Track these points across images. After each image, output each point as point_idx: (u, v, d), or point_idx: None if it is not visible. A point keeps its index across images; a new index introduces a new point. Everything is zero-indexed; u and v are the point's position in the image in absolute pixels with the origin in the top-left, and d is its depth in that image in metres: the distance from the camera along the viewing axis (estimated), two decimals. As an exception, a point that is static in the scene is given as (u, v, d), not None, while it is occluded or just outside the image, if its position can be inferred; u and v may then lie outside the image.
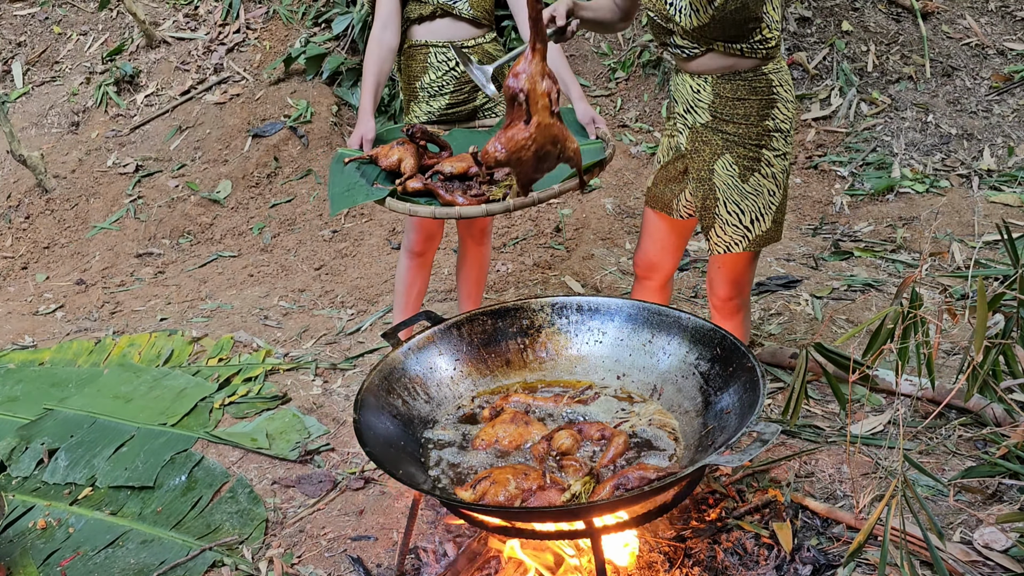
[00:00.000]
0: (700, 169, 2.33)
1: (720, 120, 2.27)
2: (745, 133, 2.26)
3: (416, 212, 2.39)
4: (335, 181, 2.52)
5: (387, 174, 2.53)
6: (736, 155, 2.27)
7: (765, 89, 2.24)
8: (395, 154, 2.52)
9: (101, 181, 5.11)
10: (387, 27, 2.69)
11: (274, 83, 5.46)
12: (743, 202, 2.29)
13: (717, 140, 2.29)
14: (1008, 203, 4.16)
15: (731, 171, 2.29)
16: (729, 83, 2.24)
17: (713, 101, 2.26)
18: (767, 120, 2.27)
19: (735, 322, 2.48)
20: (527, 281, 3.86)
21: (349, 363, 3.31)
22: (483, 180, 2.45)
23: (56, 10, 6.29)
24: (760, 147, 2.27)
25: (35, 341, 3.82)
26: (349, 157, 2.57)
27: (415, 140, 2.56)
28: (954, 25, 5.29)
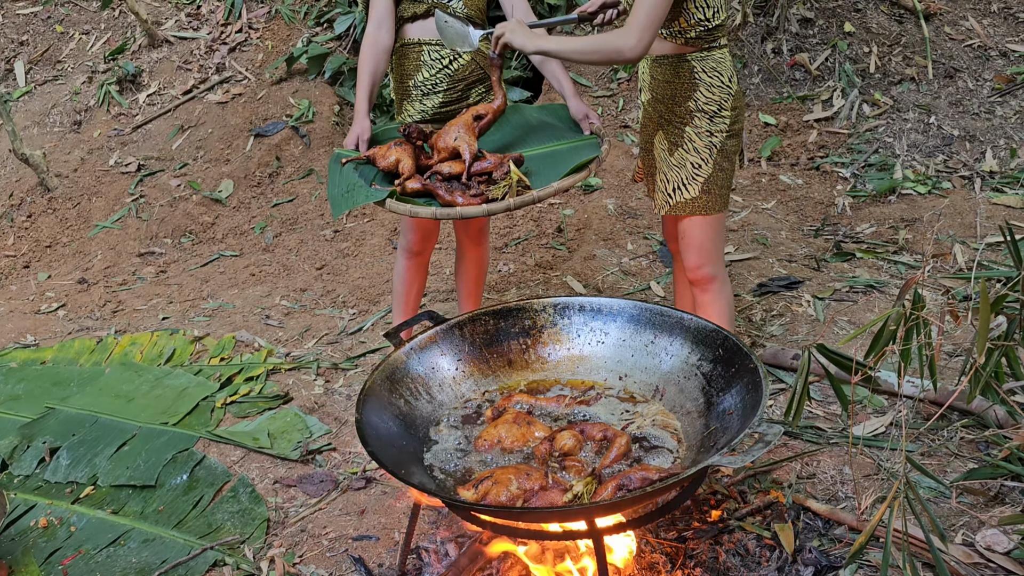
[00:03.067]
0: (647, 142, 2.63)
1: (655, 99, 2.53)
2: (671, 112, 2.49)
3: (417, 213, 2.39)
4: (334, 183, 2.52)
5: (385, 174, 2.53)
6: (666, 131, 2.52)
7: (687, 75, 2.45)
8: (393, 155, 2.52)
9: (103, 180, 5.12)
10: (382, 26, 2.69)
11: (276, 83, 5.46)
12: (669, 172, 2.53)
13: (656, 116, 2.55)
14: (1011, 205, 4.15)
15: (663, 145, 2.54)
16: (659, 67, 2.49)
17: (650, 82, 2.55)
18: (689, 102, 2.47)
19: (711, 293, 2.53)
20: (529, 281, 3.86)
21: (351, 363, 3.31)
22: (482, 180, 2.45)
23: (59, 9, 6.30)
24: (683, 125, 2.49)
25: (37, 340, 3.82)
26: (346, 158, 2.57)
27: (412, 140, 2.56)
28: (956, 27, 5.29)
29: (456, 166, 2.48)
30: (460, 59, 2.74)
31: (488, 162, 2.48)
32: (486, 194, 2.39)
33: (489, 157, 2.50)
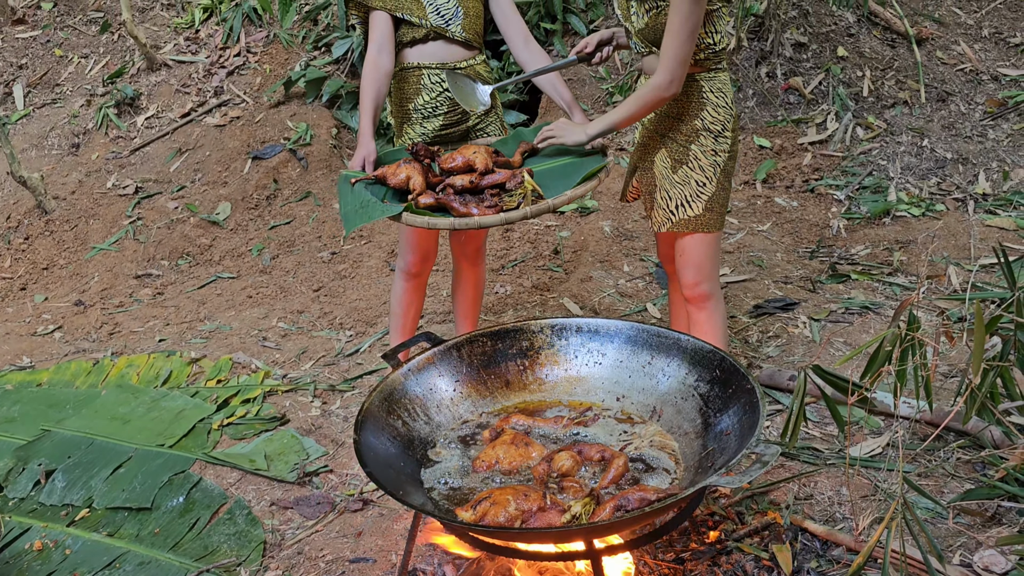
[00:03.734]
0: (645, 159, 2.63)
1: (659, 117, 2.54)
2: (676, 130, 2.51)
3: (436, 225, 2.40)
4: (346, 201, 2.52)
5: (395, 192, 2.54)
6: (669, 149, 2.54)
7: (696, 94, 2.48)
8: (403, 172, 2.53)
9: (101, 203, 5.13)
10: (382, 50, 2.72)
11: (274, 106, 5.50)
12: (672, 190, 2.54)
13: (657, 135, 2.56)
14: (1004, 227, 4.18)
15: (665, 163, 2.55)
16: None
17: None
18: (696, 120, 2.50)
19: (707, 311, 2.54)
20: (526, 303, 3.87)
21: (348, 385, 3.31)
22: (495, 192, 2.47)
23: (58, 33, 6.34)
24: (689, 143, 2.52)
25: (33, 362, 3.81)
26: (355, 178, 2.58)
27: (419, 158, 2.58)
28: (948, 51, 5.35)
29: (468, 178, 2.49)
30: (460, 82, 2.77)
31: (499, 175, 2.51)
32: (500, 205, 2.41)
33: (499, 171, 2.53)
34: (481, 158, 2.54)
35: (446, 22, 2.72)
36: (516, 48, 2.82)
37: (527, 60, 2.81)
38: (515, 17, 2.80)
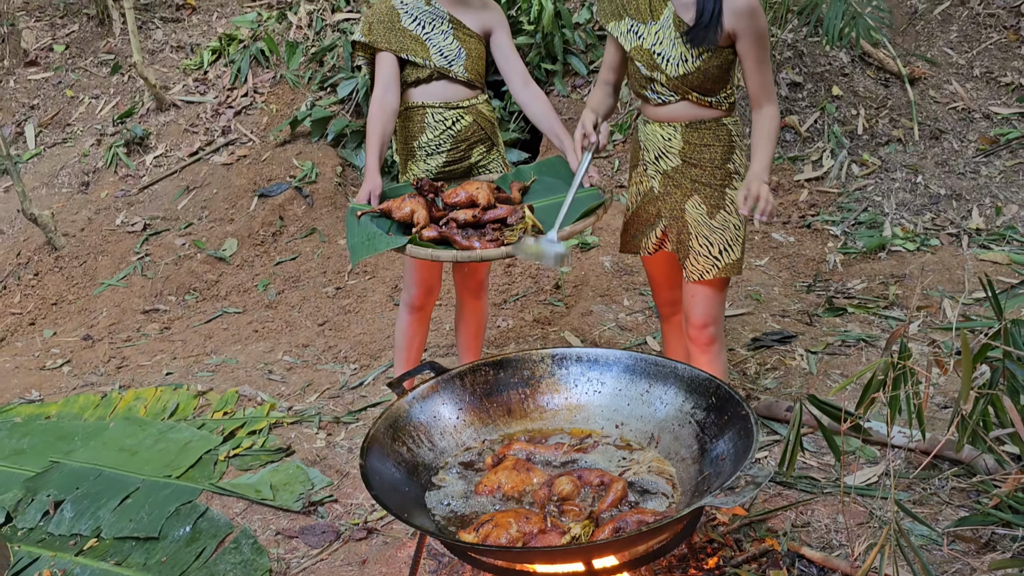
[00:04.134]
0: (673, 208, 2.59)
1: (689, 164, 2.54)
2: (711, 175, 2.53)
3: (439, 257, 2.48)
4: (352, 233, 2.61)
5: (400, 226, 2.62)
6: (704, 195, 2.54)
7: (726, 137, 2.53)
8: (407, 206, 2.61)
9: (109, 239, 5.22)
10: (388, 89, 2.81)
11: (280, 145, 5.61)
12: (712, 236, 2.55)
13: (686, 182, 2.55)
14: (997, 261, 4.25)
15: (700, 209, 2.55)
16: (696, 131, 2.52)
17: (683, 147, 2.54)
18: (728, 164, 2.55)
19: (711, 354, 2.58)
20: (527, 336, 3.93)
21: (352, 416, 3.36)
22: (496, 227, 2.55)
23: (69, 75, 6.49)
24: (724, 187, 2.55)
25: (42, 395, 3.87)
26: (361, 211, 2.66)
27: (424, 193, 2.67)
28: (940, 90, 5.47)
29: (471, 213, 2.57)
30: (462, 120, 2.86)
31: (501, 210, 2.59)
32: (501, 239, 2.48)
33: (501, 206, 2.60)
34: (483, 194, 2.62)
35: (449, 63, 2.82)
36: (515, 89, 2.92)
37: (526, 101, 2.90)
38: (515, 59, 2.90)
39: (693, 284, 2.58)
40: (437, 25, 2.80)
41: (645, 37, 2.49)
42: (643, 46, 2.49)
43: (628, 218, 2.74)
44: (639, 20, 2.50)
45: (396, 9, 2.81)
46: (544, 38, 5.49)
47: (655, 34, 2.47)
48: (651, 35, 2.48)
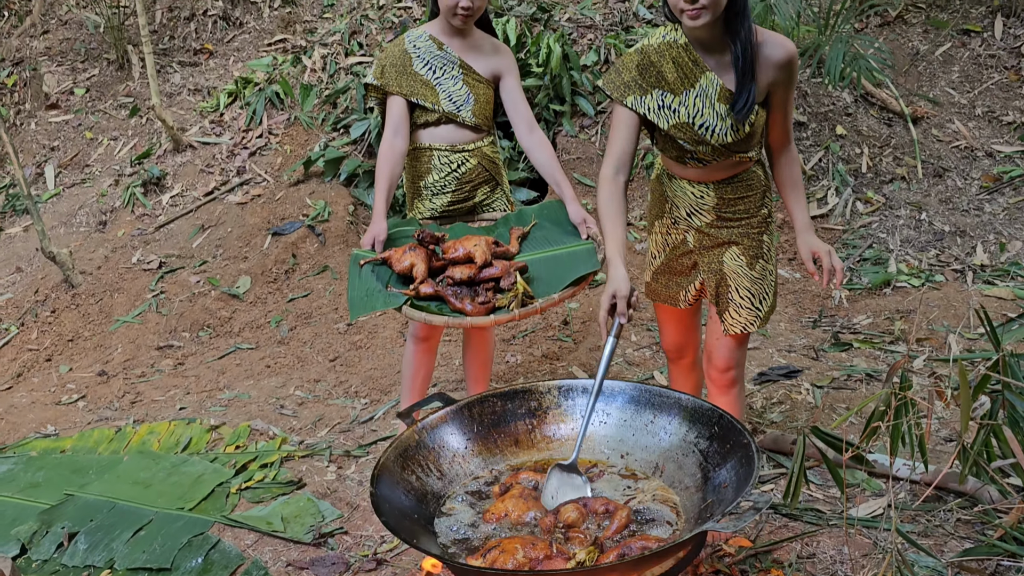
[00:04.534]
0: (711, 262, 2.53)
1: (722, 219, 2.48)
2: (748, 224, 2.49)
3: (431, 321, 2.56)
4: (353, 285, 2.69)
5: (400, 276, 2.70)
6: (743, 247, 2.49)
7: (758, 184, 2.48)
8: (407, 259, 2.69)
9: (125, 277, 5.31)
10: (398, 133, 2.90)
11: (293, 184, 5.72)
12: (753, 287, 2.50)
13: (723, 235, 2.49)
14: (1002, 296, 4.28)
15: (739, 260, 2.49)
16: (730, 186, 2.46)
17: (717, 203, 2.47)
18: (763, 208, 2.50)
19: (731, 396, 2.60)
20: (536, 371, 3.97)
21: (362, 450, 3.40)
22: (489, 287, 2.62)
23: (89, 117, 6.65)
24: (762, 234, 2.50)
25: (57, 430, 3.92)
26: (364, 259, 2.74)
27: (425, 244, 2.74)
28: (943, 129, 5.55)
29: (467, 270, 2.64)
30: (468, 163, 2.95)
31: (496, 268, 2.65)
32: (492, 302, 2.56)
33: (497, 264, 2.67)
34: (480, 251, 2.67)
35: (457, 108, 2.91)
36: (520, 134, 3.00)
37: (530, 146, 2.97)
38: (522, 105, 2.99)
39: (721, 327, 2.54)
40: (448, 70, 2.90)
41: (679, 110, 2.32)
42: (682, 120, 2.32)
43: (657, 268, 2.65)
44: (669, 91, 2.32)
45: (408, 53, 2.91)
46: (552, 80, 5.61)
47: (693, 104, 2.31)
48: (688, 106, 2.32)
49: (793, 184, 2.47)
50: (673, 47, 2.32)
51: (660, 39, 2.35)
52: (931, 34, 6.04)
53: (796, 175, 2.48)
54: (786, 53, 2.29)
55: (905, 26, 6.12)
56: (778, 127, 2.43)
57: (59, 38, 7.23)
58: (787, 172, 2.47)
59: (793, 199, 2.48)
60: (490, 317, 2.50)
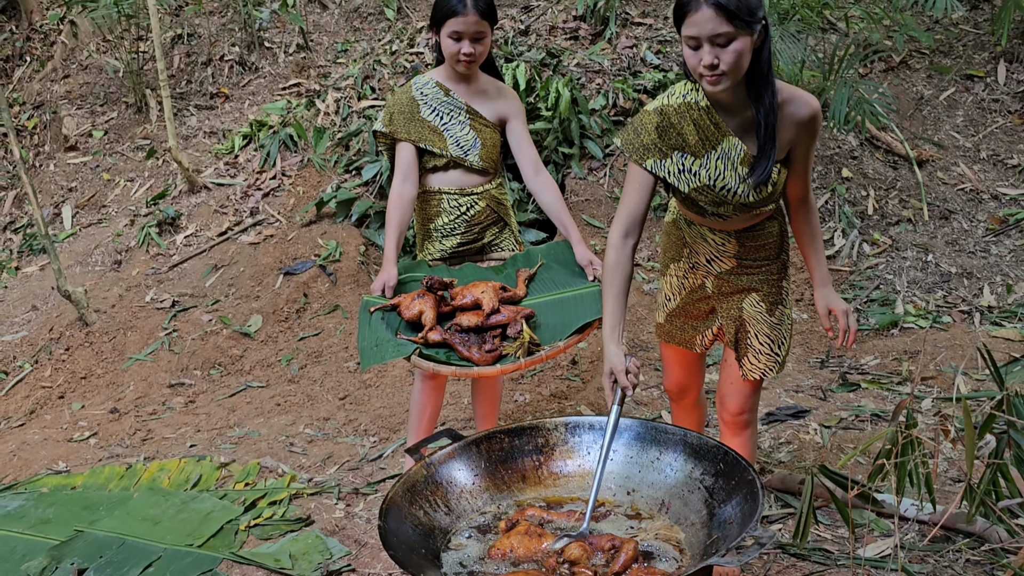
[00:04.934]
0: (730, 308, 2.53)
1: (745, 265, 2.47)
2: (768, 271, 2.49)
3: (439, 371, 2.61)
4: (364, 334, 2.73)
5: (409, 323, 2.75)
6: (763, 293, 2.49)
7: (777, 230, 2.48)
8: (416, 306, 2.75)
9: (139, 315, 5.38)
10: (407, 179, 2.96)
11: (306, 225, 5.80)
12: (772, 332, 2.50)
13: (743, 282, 2.49)
14: (1010, 338, 4.29)
15: (759, 307, 2.49)
16: (750, 235, 2.45)
17: (738, 251, 2.46)
18: (783, 255, 2.50)
19: (744, 437, 2.61)
20: (544, 411, 3.99)
21: (371, 488, 3.42)
22: (496, 334, 2.67)
23: (107, 159, 6.78)
24: (780, 281, 2.50)
25: (68, 467, 3.95)
26: (374, 306, 2.79)
27: (434, 291, 2.79)
28: (948, 172, 5.60)
29: (474, 317, 2.69)
30: (476, 206, 3.01)
31: (503, 315, 2.70)
32: (499, 350, 2.60)
33: (504, 311, 2.71)
34: (488, 298, 2.71)
35: (464, 152, 2.98)
36: (527, 176, 3.06)
37: (537, 189, 3.03)
38: (528, 147, 3.05)
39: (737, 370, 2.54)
40: (455, 116, 2.97)
41: (700, 172, 2.29)
42: (702, 183, 2.30)
43: (672, 311, 2.63)
44: (690, 153, 2.30)
45: (416, 100, 2.99)
46: (561, 123, 5.70)
47: (714, 166, 2.29)
48: (709, 169, 2.29)
49: (811, 236, 2.48)
50: (694, 108, 2.27)
51: (680, 99, 2.29)
52: (935, 79, 6.12)
53: (814, 227, 2.48)
54: (811, 111, 2.27)
55: (909, 71, 6.21)
56: (798, 181, 2.40)
57: (79, 82, 7.40)
58: (805, 224, 2.47)
59: (811, 251, 2.49)
60: (496, 367, 2.56)
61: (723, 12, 2.06)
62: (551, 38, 6.52)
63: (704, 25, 2.09)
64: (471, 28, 2.81)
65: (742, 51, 2.12)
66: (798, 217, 2.49)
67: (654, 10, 6.66)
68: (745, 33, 2.11)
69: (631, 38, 6.38)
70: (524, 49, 6.34)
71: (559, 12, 6.74)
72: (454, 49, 2.85)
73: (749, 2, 2.09)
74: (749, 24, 2.10)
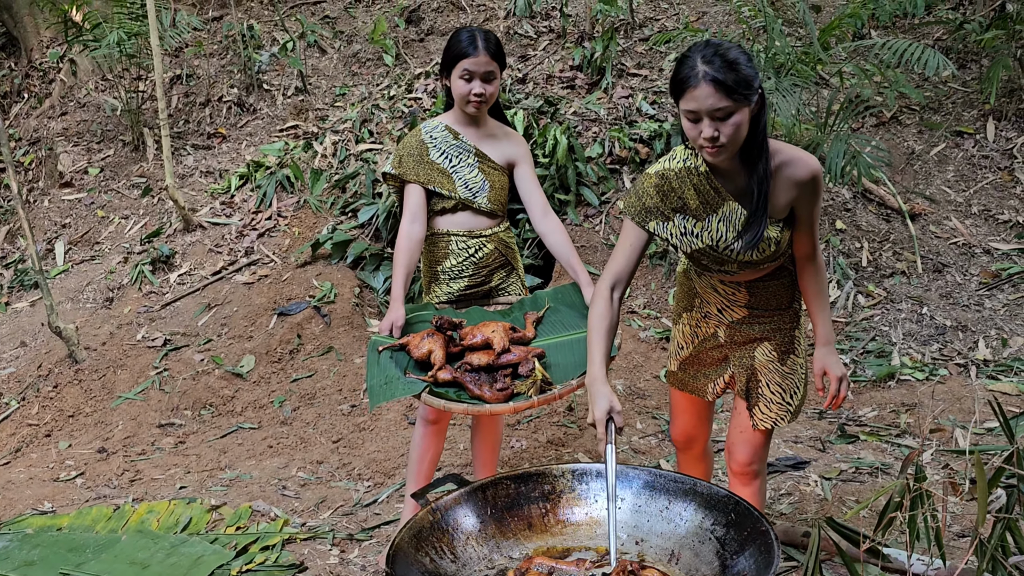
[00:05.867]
0: (742, 357, 2.53)
1: (756, 314, 2.48)
2: (780, 320, 2.49)
3: (451, 408, 2.56)
4: (372, 373, 2.69)
5: (418, 362, 2.72)
6: (774, 342, 2.50)
7: (788, 279, 2.49)
8: (425, 345, 2.72)
9: (129, 354, 5.31)
10: (415, 220, 2.96)
11: (301, 266, 5.78)
12: (784, 381, 2.50)
13: (755, 331, 2.50)
14: (1006, 391, 4.30)
15: (770, 356, 2.49)
16: (762, 285, 2.46)
17: (749, 300, 2.47)
18: (795, 303, 2.51)
19: (753, 488, 2.58)
20: (541, 457, 3.95)
21: (365, 534, 3.35)
22: (507, 373, 2.64)
23: (102, 196, 6.77)
24: (793, 329, 2.51)
25: (54, 507, 3.86)
26: (382, 345, 2.76)
27: (443, 331, 2.77)
28: (941, 226, 5.66)
29: (485, 357, 2.66)
30: (484, 248, 3.01)
31: (514, 355, 2.67)
32: (511, 388, 2.57)
33: (514, 350, 2.69)
34: (498, 337, 2.69)
35: (473, 195, 2.99)
36: (535, 218, 3.06)
37: (545, 231, 3.04)
38: (536, 190, 3.06)
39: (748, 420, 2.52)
40: (464, 158, 2.98)
41: (702, 235, 2.33)
42: (705, 244, 2.34)
43: (685, 359, 2.64)
44: (691, 215, 2.33)
45: (425, 143, 3.00)
46: (558, 170, 5.74)
47: (716, 228, 2.33)
48: (711, 231, 2.33)
49: (817, 293, 2.48)
50: (694, 174, 2.31)
51: (680, 164, 2.33)
52: (925, 135, 6.23)
53: (822, 285, 2.48)
54: (810, 172, 2.29)
55: (900, 127, 6.31)
56: (803, 241, 2.41)
57: (76, 120, 7.41)
58: (812, 281, 2.48)
59: (817, 308, 2.50)
60: (509, 404, 2.51)
61: (722, 88, 2.11)
62: (548, 86, 6.61)
63: (704, 101, 2.12)
64: (482, 68, 2.84)
65: (741, 123, 2.16)
66: (805, 274, 2.50)
67: (649, 62, 6.77)
68: (744, 105, 2.15)
69: (627, 88, 6.46)
70: (522, 97, 6.41)
71: (556, 62, 6.84)
72: (465, 90, 2.87)
73: (747, 75, 2.13)
74: (747, 96, 2.15)
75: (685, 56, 2.19)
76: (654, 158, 5.90)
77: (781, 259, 2.44)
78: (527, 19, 7.44)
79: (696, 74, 2.12)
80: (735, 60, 2.12)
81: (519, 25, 7.38)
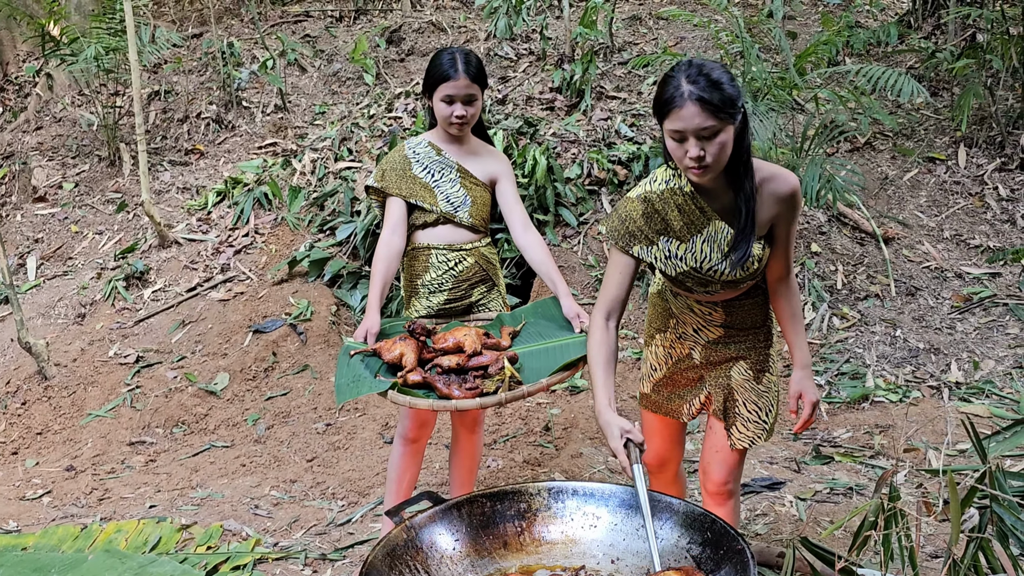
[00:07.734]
0: (718, 377, 2.53)
1: (731, 334, 2.47)
2: (755, 338, 2.49)
3: (416, 404, 2.55)
4: (342, 372, 2.69)
5: (389, 366, 2.71)
6: (750, 361, 2.49)
7: (762, 297, 2.49)
8: (397, 348, 2.71)
9: (101, 370, 5.24)
10: (395, 232, 2.97)
11: (277, 283, 5.74)
12: (760, 400, 2.50)
13: (731, 351, 2.49)
14: (978, 414, 4.34)
15: (746, 375, 2.49)
16: (738, 303, 2.46)
17: (725, 319, 2.47)
18: (768, 320, 2.51)
19: (728, 507, 2.57)
20: (517, 477, 3.93)
21: (339, 554, 3.31)
22: (478, 374, 2.63)
23: (76, 211, 6.69)
24: (768, 348, 2.51)
25: (19, 526, 3.78)
26: (355, 349, 2.75)
27: (416, 336, 2.76)
28: (914, 250, 5.73)
29: (456, 359, 2.66)
30: (465, 262, 3.01)
31: (485, 357, 2.68)
32: (480, 387, 2.56)
33: (486, 353, 2.69)
34: (470, 340, 2.70)
35: (455, 209, 2.99)
36: (516, 233, 3.08)
37: (525, 245, 3.05)
38: (517, 207, 3.08)
39: (724, 441, 2.52)
40: (446, 174, 2.99)
41: (686, 257, 2.33)
42: (689, 267, 2.34)
43: (658, 381, 2.61)
44: (675, 237, 2.33)
45: (408, 159, 3.01)
46: (537, 191, 5.76)
47: (700, 249, 2.33)
48: (695, 252, 2.33)
49: (791, 315, 2.48)
50: (678, 194, 2.31)
51: (663, 185, 2.32)
52: (898, 160, 6.32)
53: (795, 307, 2.48)
54: (790, 188, 2.31)
55: (874, 152, 6.40)
56: (779, 260, 2.42)
57: (51, 134, 7.34)
58: (787, 304, 2.47)
59: (792, 332, 2.50)
60: (476, 400, 2.49)
61: (708, 107, 2.11)
62: (528, 108, 6.65)
63: (690, 120, 2.12)
64: (462, 92, 2.86)
65: (726, 142, 2.17)
66: (779, 298, 2.50)
67: (628, 85, 6.83)
68: (729, 124, 2.16)
69: (606, 111, 6.52)
70: (501, 118, 6.43)
71: (536, 83, 6.89)
72: (447, 112, 2.89)
73: (731, 94, 2.15)
74: (732, 115, 2.16)
75: (669, 76, 2.19)
76: (632, 180, 5.94)
77: (759, 277, 2.45)
78: (507, 41, 7.49)
79: (681, 94, 2.13)
80: (719, 79, 2.14)
81: (500, 47, 7.43)
